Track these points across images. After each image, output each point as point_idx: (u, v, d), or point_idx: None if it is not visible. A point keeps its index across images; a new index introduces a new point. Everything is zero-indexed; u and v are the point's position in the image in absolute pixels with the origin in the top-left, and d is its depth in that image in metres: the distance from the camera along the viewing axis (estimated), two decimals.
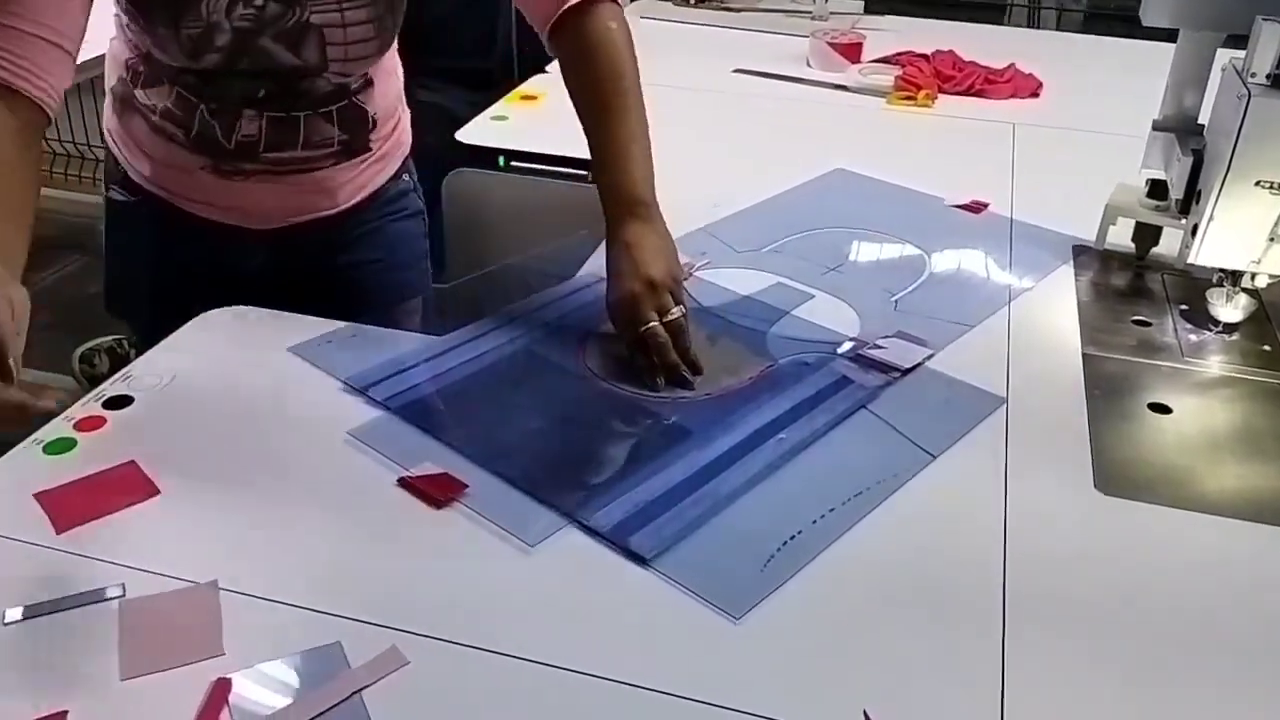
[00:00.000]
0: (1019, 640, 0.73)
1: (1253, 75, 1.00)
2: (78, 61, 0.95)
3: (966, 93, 1.80)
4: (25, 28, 0.88)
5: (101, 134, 1.22)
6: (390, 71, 1.20)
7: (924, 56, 1.90)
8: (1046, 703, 0.69)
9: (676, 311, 0.99)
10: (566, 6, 1.05)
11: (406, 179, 1.29)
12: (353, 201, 1.22)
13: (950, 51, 1.90)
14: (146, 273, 1.22)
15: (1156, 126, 1.21)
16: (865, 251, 1.27)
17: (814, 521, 0.82)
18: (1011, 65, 1.86)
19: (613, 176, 1.05)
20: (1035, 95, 1.81)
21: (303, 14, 1.02)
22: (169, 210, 1.17)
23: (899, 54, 1.94)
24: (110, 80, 1.17)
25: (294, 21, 1.03)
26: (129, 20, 1.05)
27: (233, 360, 1.00)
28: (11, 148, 0.87)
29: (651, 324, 0.98)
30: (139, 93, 1.12)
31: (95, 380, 0.97)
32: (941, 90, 1.80)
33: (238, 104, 1.09)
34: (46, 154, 3.20)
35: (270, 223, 1.18)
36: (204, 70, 1.05)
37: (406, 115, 1.28)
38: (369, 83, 1.15)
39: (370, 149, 1.19)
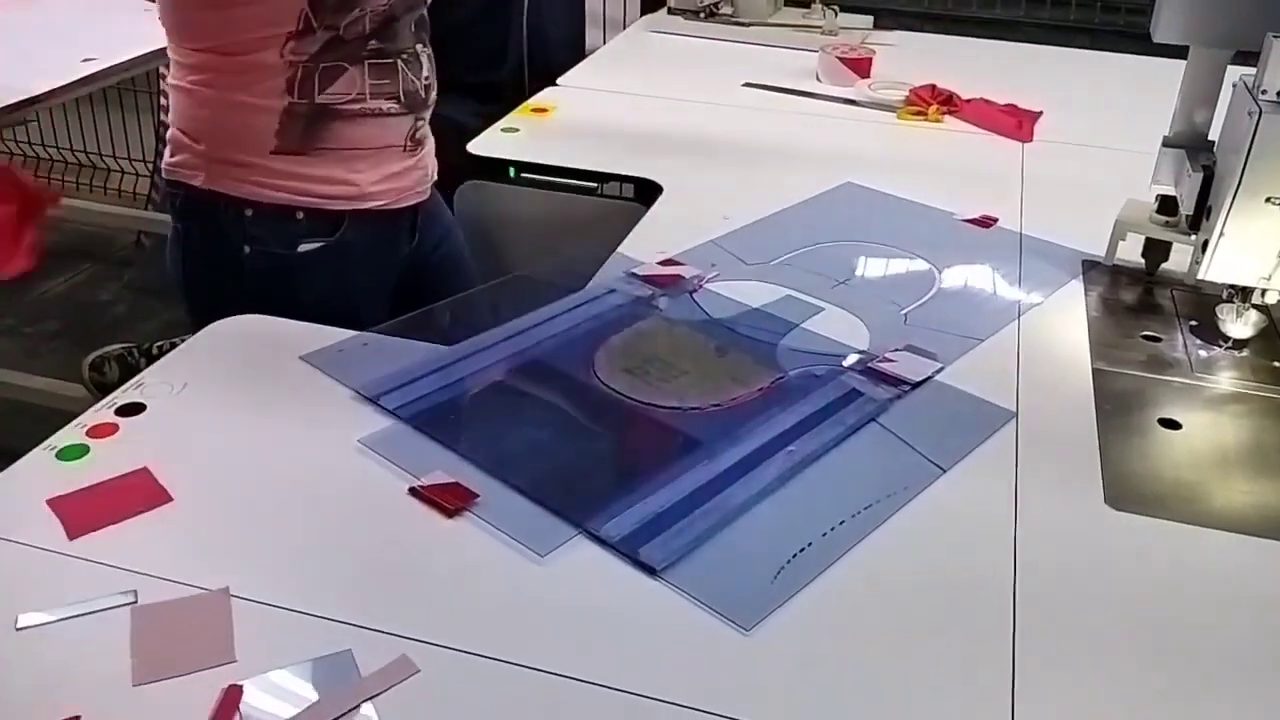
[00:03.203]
0: (1029, 655, 0.73)
1: (1263, 92, 1.00)
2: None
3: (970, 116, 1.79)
4: None
5: (238, 207, 1.17)
6: None
7: (930, 87, 1.88)
8: (1056, 716, 0.68)
9: None
10: None
11: None
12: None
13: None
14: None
15: (1167, 143, 1.22)
16: (874, 265, 1.27)
17: (824, 534, 0.82)
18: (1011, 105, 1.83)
19: None
20: (1029, 139, 1.74)
21: None
22: (365, 221, 1.22)
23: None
24: (272, 134, 1.14)
25: None
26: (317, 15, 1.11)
27: (244, 368, 1.01)
28: None
29: None
30: (330, 95, 1.15)
31: (105, 388, 0.97)
32: (948, 113, 1.79)
33: (412, 41, 1.19)
34: (59, 164, 3.23)
35: (423, 194, 1.29)
36: (387, 15, 1.14)
37: None
38: None
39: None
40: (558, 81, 1.87)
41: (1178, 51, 1.19)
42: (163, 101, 2.86)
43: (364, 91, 1.16)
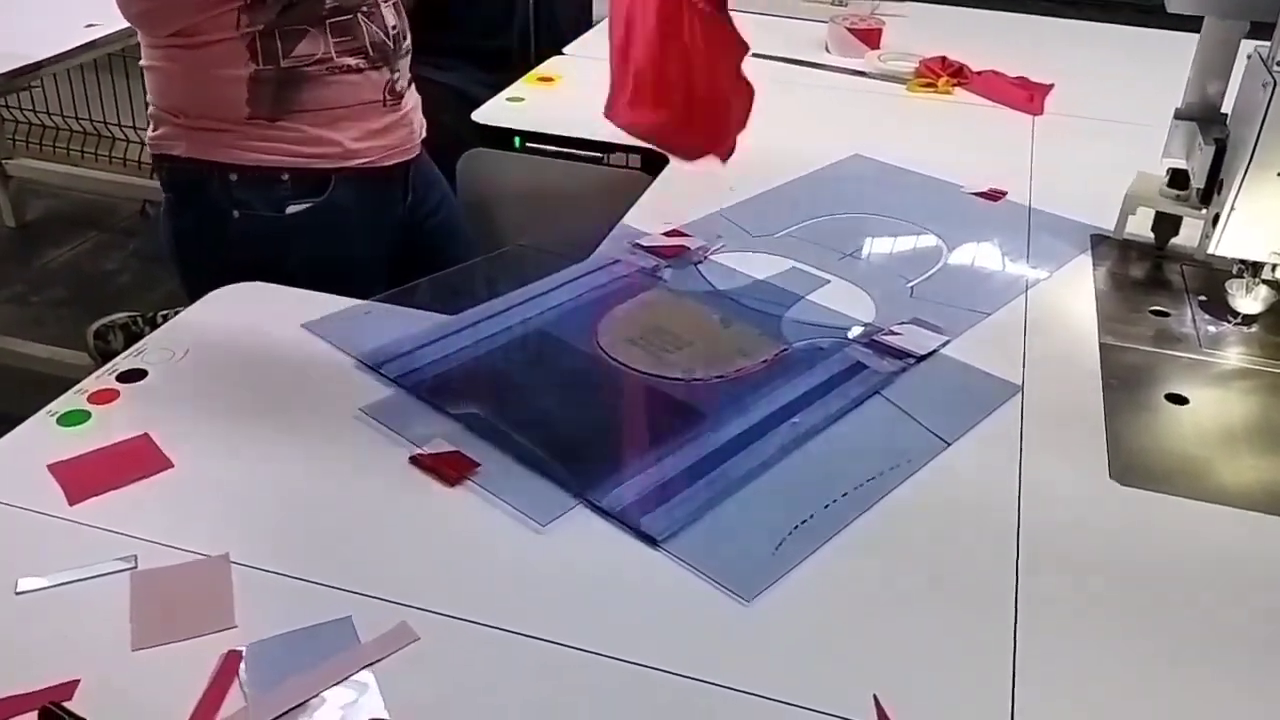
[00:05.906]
0: (1031, 628, 0.72)
1: (1277, 64, 0.98)
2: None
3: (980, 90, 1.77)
4: None
5: (226, 170, 1.18)
6: None
7: (940, 59, 1.86)
8: (1057, 691, 0.68)
9: None
10: None
11: None
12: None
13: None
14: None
15: (1179, 115, 1.20)
16: (882, 238, 1.26)
17: (826, 506, 0.82)
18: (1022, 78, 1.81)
19: None
20: (1040, 112, 1.73)
21: None
22: (353, 180, 1.23)
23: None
24: (244, 102, 1.15)
25: None
26: None
27: (246, 335, 1.00)
28: None
29: None
30: (295, 59, 1.14)
31: (109, 356, 0.97)
32: (958, 85, 1.77)
33: None
34: (64, 132, 3.21)
35: (412, 152, 1.29)
36: None
37: None
38: None
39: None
40: (564, 50, 1.86)
41: (1191, 24, 1.17)
42: None
43: (329, 52, 1.16)
